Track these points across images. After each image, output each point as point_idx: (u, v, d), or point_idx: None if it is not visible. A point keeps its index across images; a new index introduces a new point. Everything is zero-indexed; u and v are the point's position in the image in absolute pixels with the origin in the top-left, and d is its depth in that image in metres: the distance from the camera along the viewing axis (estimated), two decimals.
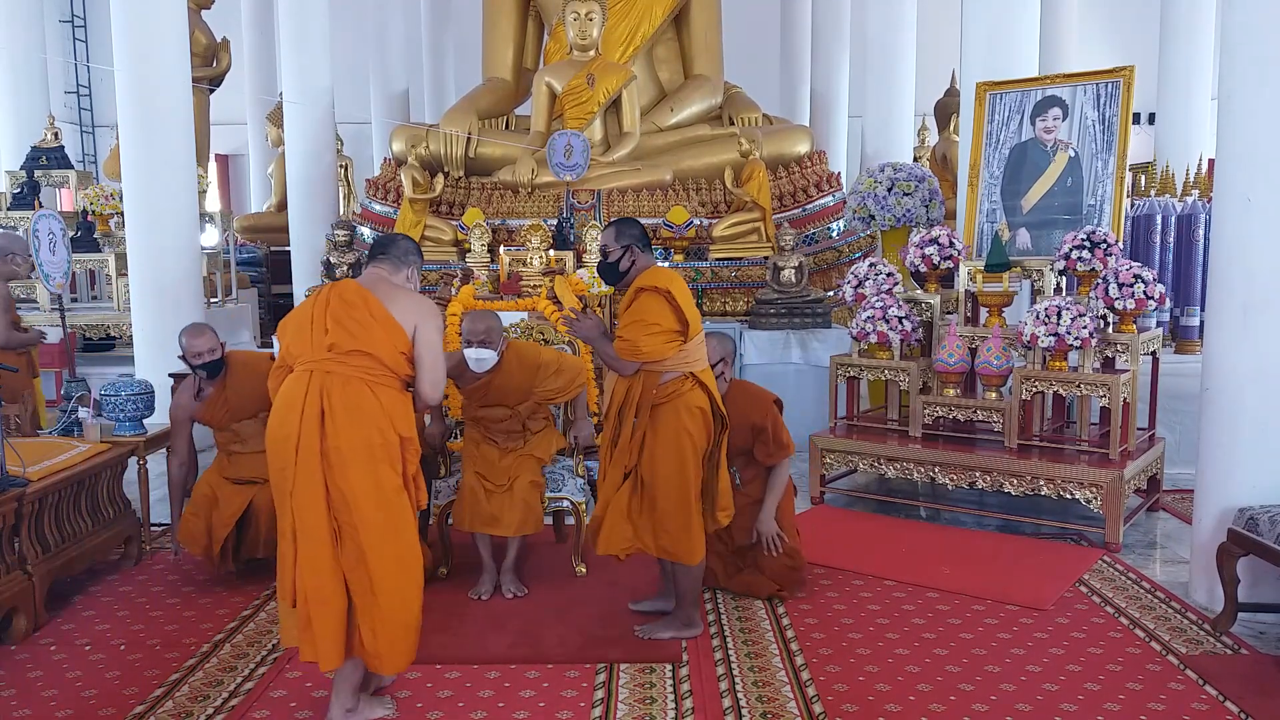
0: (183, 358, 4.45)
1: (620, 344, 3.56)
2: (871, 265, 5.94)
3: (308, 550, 2.98)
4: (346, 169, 12.76)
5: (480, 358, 4.07)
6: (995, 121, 5.99)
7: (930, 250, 5.70)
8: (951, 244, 5.70)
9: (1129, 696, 3.29)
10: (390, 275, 3.22)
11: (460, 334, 5.03)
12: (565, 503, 4.41)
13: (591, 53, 8.13)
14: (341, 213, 10.59)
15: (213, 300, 8.91)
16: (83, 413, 4.73)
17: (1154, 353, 5.46)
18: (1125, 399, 5.03)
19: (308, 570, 2.97)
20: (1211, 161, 5.88)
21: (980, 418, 5.32)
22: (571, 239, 7.25)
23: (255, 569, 4.62)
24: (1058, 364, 5.13)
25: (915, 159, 10.91)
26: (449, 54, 13.50)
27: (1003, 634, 3.81)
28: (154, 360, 6.28)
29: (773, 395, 4.27)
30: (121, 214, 7.62)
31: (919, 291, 5.88)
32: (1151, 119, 11.95)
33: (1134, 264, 5.10)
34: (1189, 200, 6.69)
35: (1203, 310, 6.16)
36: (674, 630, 3.76)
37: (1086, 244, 5.27)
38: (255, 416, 4.42)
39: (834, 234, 8.17)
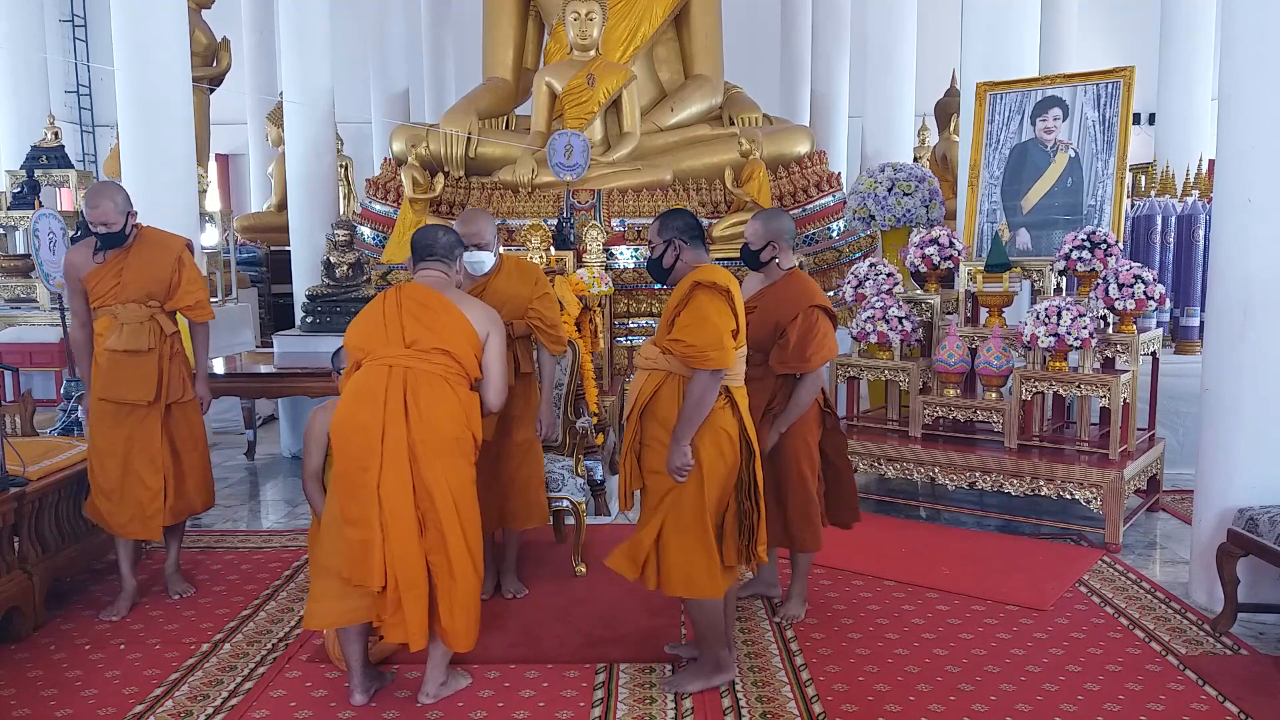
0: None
1: (683, 349, 3.10)
2: (871, 265, 5.94)
3: (398, 537, 3.11)
4: (346, 169, 12.75)
5: (478, 260, 3.90)
6: (995, 122, 5.99)
7: (930, 250, 5.70)
8: (951, 244, 5.70)
9: (1129, 697, 3.29)
10: (447, 272, 3.38)
11: None
12: (565, 503, 4.41)
13: (592, 53, 8.12)
14: (342, 212, 10.58)
15: (212, 299, 8.90)
16: (82, 413, 4.72)
17: (1154, 353, 5.46)
18: (1125, 399, 5.04)
19: (399, 556, 3.11)
20: (1211, 162, 5.88)
21: (980, 418, 5.32)
22: (571, 239, 7.25)
23: (261, 566, 4.63)
24: (1058, 364, 5.13)
25: (915, 159, 10.90)
26: (449, 54, 13.48)
27: (1002, 634, 3.81)
28: None
29: (821, 299, 3.76)
30: None
31: (919, 291, 5.88)
32: (1151, 119, 11.94)
33: (1134, 264, 5.10)
34: (1189, 201, 6.69)
35: (1203, 310, 6.16)
36: (702, 680, 3.33)
37: (1086, 244, 5.28)
38: (144, 303, 4.10)
39: (834, 234, 8.16)
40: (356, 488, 3.12)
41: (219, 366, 6.27)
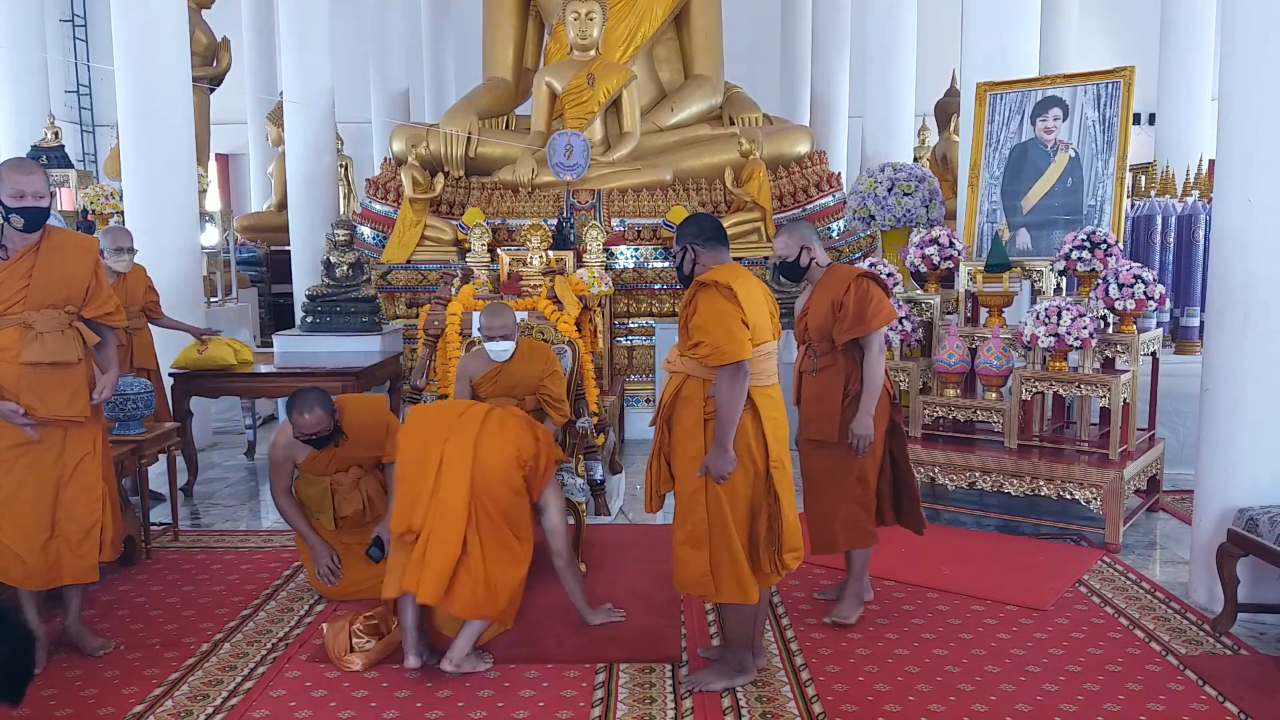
0: None
1: (701, 352, 3.12)
2: (871, 265, 5.93)
3: (444, 497, 3.42)
4: (346, 169, 12.76)
5: (502, 349, 4.33)
6: (995, 122, 5.99)
7: (930, 250, 5.70)
8: (951, 244, 5.70)
9: (1129, 697, 3.29)
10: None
11: (461, 333, 5.05)
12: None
13: (592, 52, 8.12)
14: (341, 212, 10.58)
15: (213, 300, 8.91)
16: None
17: (1154, 353, 5.46)
18: (1125, 399, 5.03)
19: (438, 514, 3.40)
20: (1211, 162, 5.88)
21: (980, 418, 5.32)
22: (571, 239, 7.25)
23: (261, 566, 4.62)
24: (1058, 364, 5.13)
25: (915, 159, 10.90)
26: (449, 54, 13.49)
27: (1002, 634, 3.81)
28: None
29: (865, 270, 3.88)
30: (121, 213, 7.62)
31: (919, 291, 5.88)
32: (1152, 119, 11.95)
33: (1134, 264, 5.10)
34: (1189, 201, 6.69)
35: (1203, 311, 6.16)
36: (725, 679, 3.35)
37: (1086, 244, 5.28)
38: (62, 308, 3.46)
39: (834, 234, 8.16)
40: (421, 455, 3.48)
41: None
